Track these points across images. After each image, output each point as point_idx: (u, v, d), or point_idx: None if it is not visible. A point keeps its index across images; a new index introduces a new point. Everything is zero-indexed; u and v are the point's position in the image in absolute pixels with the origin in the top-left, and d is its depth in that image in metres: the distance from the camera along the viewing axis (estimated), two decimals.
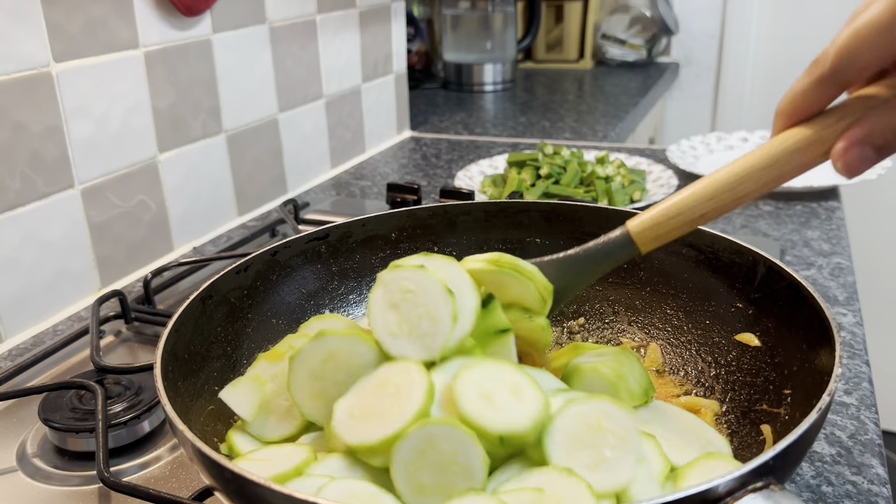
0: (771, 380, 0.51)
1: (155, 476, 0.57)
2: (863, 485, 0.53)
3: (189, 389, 0.50)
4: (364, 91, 1.36)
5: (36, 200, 0.77)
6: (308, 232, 0.65)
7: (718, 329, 0.58)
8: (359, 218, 0.67)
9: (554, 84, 2.06)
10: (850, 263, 0.87)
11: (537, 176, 1.11)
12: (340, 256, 0.67)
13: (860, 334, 0.72)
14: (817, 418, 0.38)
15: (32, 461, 0.59)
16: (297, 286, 0.65)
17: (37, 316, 0.79)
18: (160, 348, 0.48)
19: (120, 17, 0.84)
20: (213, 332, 0.56)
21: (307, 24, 1.17)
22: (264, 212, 1.12)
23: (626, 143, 1.64)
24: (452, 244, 0.70)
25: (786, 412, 0.48)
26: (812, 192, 1.10)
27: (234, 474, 0.36)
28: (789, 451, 0.36)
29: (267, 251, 0.62)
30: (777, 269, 0.53)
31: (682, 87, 2.35)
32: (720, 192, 0.47)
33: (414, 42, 2.09)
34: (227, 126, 1.03)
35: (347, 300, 0.67)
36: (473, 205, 0.69)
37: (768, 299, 0.54)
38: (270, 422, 0.50)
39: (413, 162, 1.36)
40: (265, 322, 0.61)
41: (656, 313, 0.63)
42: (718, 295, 0.59)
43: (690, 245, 0.60)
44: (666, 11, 2.20)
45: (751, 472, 0.35)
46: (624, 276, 0.65)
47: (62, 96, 0.78)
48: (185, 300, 0.54)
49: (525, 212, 0.69)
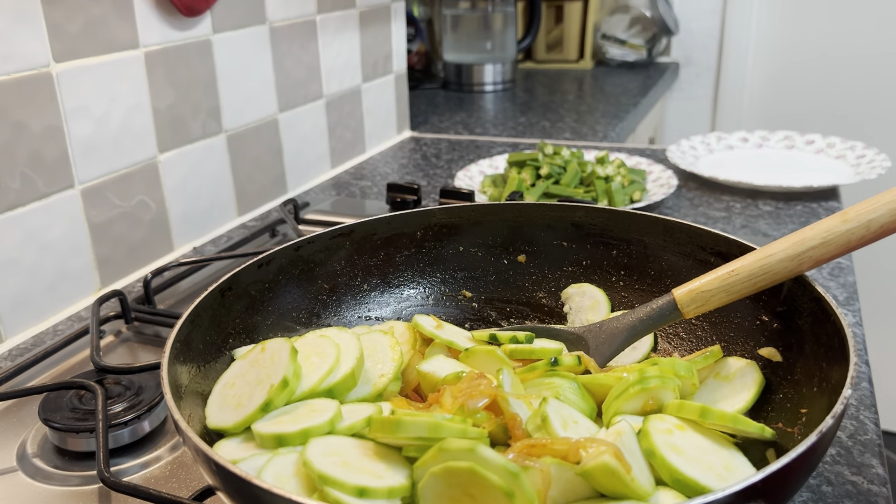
0: (789, 397, 0.50)
1: (155, 476, 0.57)
2: (863, 485, 0.53)
3: (201, 381, 0.51)
4: (364, 91, 1.36)
5: (36, 200, 0.77)
6: (332, 228, 0.65)
7: (742, 342, 0.57)
8: (384, 215, 0.67)
9: (554, 84, 2.06)
10: (850, 263, 0.87)
11: (537, 176, 1.11)
12: (364, 253, 0.67)
13: (860, 334, 0.72)
14: (815, 441, 0.37)
15: (32, 461, 0.59)
16: (319, 281, 0.65)
17: (37, 316, 0.79)
18: (171, 338, 0.48)
19: (120, 17, 0.84)
20: (231, 324, 0.56)
21: (307, 24, 1.17)
22: (264, 212, 1.12)
23: (626, 143, 1.64)
24: (478, 244, 0.70)
25: (799, 433, 0.46)
26: (812, 191, 1.10)
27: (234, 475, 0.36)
28: (780, 474, 0.35)
29: (290, 246, 0.62)
30: (803, 282, 0.52)
31: (682, 87, 2.35)
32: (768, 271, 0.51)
33: (414, 42, 2.09)
34: (227, 126, 1.03)
35: (369, 297, 0.67)
36: (501, 205, 0.69)
37: (793, 313, 0.53)
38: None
39: (413, 162, 1.36)
40: (285, 315, 0.62)
41: (681, 323, 0.62)
42: (744, 306, 0.57)
43: (719, 254, 0.59)
44: (666, 11, 2.20)
45: (736, 493, 0.34)
46: (651, 284, 0.64)
47: (62, 96, 0.78)
48: (203, 292, 0.54)
49: (554, 212, 0.68)
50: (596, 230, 0.67)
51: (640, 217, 0.65)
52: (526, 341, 0.58)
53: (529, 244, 0.69)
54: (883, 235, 0.48)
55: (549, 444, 0.42)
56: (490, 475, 0.37)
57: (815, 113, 2.22)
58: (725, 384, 0.53)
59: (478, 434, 0.42)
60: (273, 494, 0.35)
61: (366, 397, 0.53)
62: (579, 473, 0.40)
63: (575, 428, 0.45)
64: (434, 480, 0.39)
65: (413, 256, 0.69)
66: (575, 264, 0.68)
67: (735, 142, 1.32)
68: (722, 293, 0.52)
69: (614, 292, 0.66)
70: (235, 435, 0.47)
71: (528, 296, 0.69)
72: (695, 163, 1.23)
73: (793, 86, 2.23)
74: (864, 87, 2.14)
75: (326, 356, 0.52)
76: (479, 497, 0.37)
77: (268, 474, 0.42)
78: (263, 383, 0.48)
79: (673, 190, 1.07)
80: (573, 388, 0.51)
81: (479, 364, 0.55)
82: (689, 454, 0.43)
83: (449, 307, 0.69)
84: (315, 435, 0.45)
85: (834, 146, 1.26)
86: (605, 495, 0.41)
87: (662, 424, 0.45)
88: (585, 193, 1.05)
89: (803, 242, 0.49)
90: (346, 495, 0.39)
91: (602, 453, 0.39)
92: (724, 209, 1.06)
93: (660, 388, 0.48)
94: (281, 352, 0.49)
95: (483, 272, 0.70)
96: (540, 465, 0.40)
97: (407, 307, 0.68)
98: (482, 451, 0.38)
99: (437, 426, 0.41)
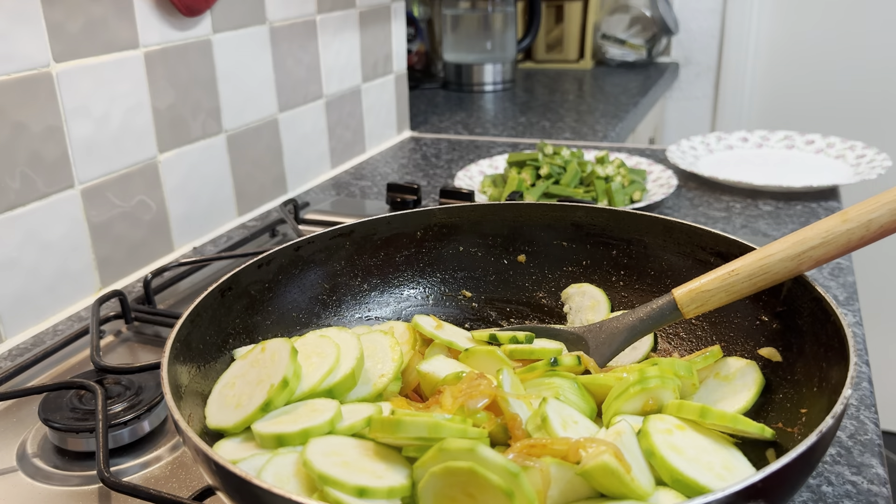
0: (788, 397, 0.50)
1: (155, 476, 0.57)
2: (862, 485, 0.53)
3: (201, 381, 0.51)
4: (364, 91, 1.36)
5: (36, 200, 0.77)
6: (332, 228, 0.65)
7: (742, 342, 0.57)
8: (384, 215, 0.67)
9: (554, 84, 2.06)
10: (849, 263, 0.87)
11: (537, 176, 1.11)
12: (364, 253, 0.67)
13: (860, 334, 0.73)
14: (815, 441, 0.37)
15: (32, 461, 0.59)
16: (319, 281, 0.65)
17: (37, 316, 0.79)
18: (171, 338, 0.48)
19: (120, 17, 0.84)
20: (230, 324, 0.56)
21: (307, 24, 1.17)
22: (264, 212, 1.12)
23: (626, 143, 1.64)
24: (478, 244, 0.70)
25: (799, 432, 0.46)
26: (812, 191, 1.10)
27: (234, 475, 0.36)
28: (780, 474, 0.35)
29: (290, 246, 0.62)
30: (803, 282, 0.52)
31: (682, 87, 2.35)
32: (767, 270, 0.51)
33: (414, 42, 2.09)
34: (227, 126, 1.03)
35: (369, 297, 0.67)
36: (501, 205, 0.69)
37: (793, 313, 0.53)
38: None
39: (413, 162, 1.36)
40: (285, 315, 0.62)
41: (681, 323, 0.62)
42: (744, 306, 0.57)
43: (719, 254, 0.59)
44: (666, 11, 2.20)
45: (736, 493, 0.34)
46: (651, 284, 0.64)
47: (62, 96, 0.78)
48: (203, 292, 0.54)
49: (554, 212, 0.68)
50: (596, 230, 0.67)
51: (640, 217, 0.65)
52: (526, 341, 0.58)
53: (529, 244, 0.69)
54: (883, 235, 0.48)
55: (549, 444, 0.42)
56: (490, 475, 0.37)
57: (815, 113, 2.22)
58: (725, 384, 0.53)
59: (478, 434, 0.42)
60: (273, 494, 0.35)
61: (366, 397, 0.53)
62: (579, 473, 0.40)
63: (575, 428, 0.45)
64: (434, 480, 0.39)
65: (413, 256, 0.69)
66: (575, 264, 0.68)
67: (735, 142, 1.32)
68: (722, 293, 0.52)
69: (614, 292, 0.66)
70: (235, 435, 0.47)
71: (528, 296, 0.69)
72: (695, 163, 1.23)
73: (793, 86, 2.23)
74: (863, 87, 2.14)
75: (326, 356, 0.52)
76: (479, 497, 0.38)
77: (268, 474, 0.42)
78: (263, 383, 0.48)
79: (673, 190, 1.07)
80: (573, 389, 0.51)
81: (478, 364, 0.55)
82: (689, 454, 0.43)
83: (449, 307, 0.69)
84: (315, 435, 0.45)
85: (834, 146, 1.26)
86: (605, 495, 0.41)
87: (662, 424, 0.45)
88: (585, 193, 1.05)
89: (803, 242, 0.50)
90: (346, 495, 0.39)
91: (602, 453, 0.39)
92: (724, 209, 1.06)
93: (660, 388, 0.48)
94: (281, 352, 0.49)
95: (483, 272, 0.70)
96: (540, 465, 0.40)
97: (407, 307, 0.68)
98: (482, 451, 0.38)
99: (437, 426, 0.41)
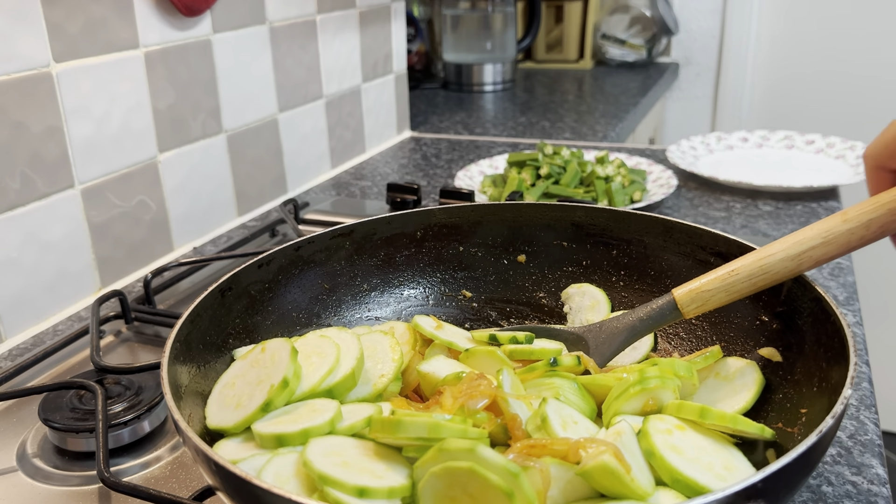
0: (788, 397, 0.50)
1: (155, 476, 0.57)
2: (863, 485, 0.53)
3: (201, 381, 0.51)
4: (364, 91, 1.36)
5: (36, 200, 0.77)
6: (332, 228, 0.65)
7: (742, 342, 0.57)
8: (384, 215, 0.67)
9: (554, 84, 2.06)
10: (849, 263, 0.87)
11: (537, 176, 1.11)
12: (364, 253, 0.67)
13: (860, 334, 0.73)
14: (815, 441, 0.37)
15: (32, 461, 0.59)
16: (319, 281, 0.65)
17: (37, 316, 0.79)
18: (171, 338, 0.48)
19: (120, 17, 0.84)
20: (230, 324, 0.56)
21: (307, 24, 1.17)
22: (264, 212, 1.12)
23: (626, 143, 1.64)
24: (478, 244, 0.70)
25: (798, 433, 0.46)
26: (812, 191, 1.10)
27: (234, 475, 0.36)
28: (780, 474, 0.35)
29: (290, 246, 0.62)
30: (803, 282, 0.52)
31: (682, 87, 2.35)
32: (767, 270, 0.51)
33: (414, 42, 2.09)
34: (227, 126, 1.03)
35: (369, 297, 0.67)
36: (501, 205, 0.69)
37: (793, 313, 0.53)
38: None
39: (413, 162, 1.36)
40: (285, 315, 0.62)
41: (681, 323, 0.61)
42: (744, 306, 0.57)
43: (719, 254, 0.59)
44: (666, 11, 2.20)
45: (736, 493, 0.33)
46: (651, 284, 0.64)
47: (62, 96, 0.78)
48: (203, 292, 0.54)
49: (554, 212, 0.68)
50: (596, 230, 0.67)
51: (640, 217, 0.65)
52: (526, 341, 0.57)
53: (529, 244, 0.69)
54: (883, 235, 0.48)
55: (548, 444, 0.42)
56: (490, 475, 0.37)
57: (815, 113, 2.22)
58: (725, 384, 0.53)
59: (478, 434, 0.42)
60: (273, 494, 0.35)
61: (366, 397, 0.53)
62: (579, 473, 0.40)
63: (575, 428, 0.45)
64: (434, 480, 0.39)
65: (413, 256, 0.69)
66: (575, 264, 0.68)
67: (735, 142, 1.32)
68: (722, 293, 0.52)
69: (614, 292, 0.66)
70: (235, 435, 0.47)
71: (528, 296, 0.69)
72: (695, 163, 1.23)
73: (793, 86, 2.23)
74: (864, 87, 2.14)
75: (326, 356, 0.52)
76: (479, 497, 0.37)
77: (268, 474, 0.42)
78: (263, 383, 0.48)
79: (673, 190, 1.07)
80: (573, 389, 0.51)
81: (478, 364, 0.55)
82: (689, 454, 0.43)
83: (449, 307, 0.69)
84: (315, 435, 0.45)
85: (834, 146, 1.26)
86: (604, 495, 0.41)
87: (662, 425, 0.45)
88: (585, 193, 1.05)
89: (803, 242, 0.50)
90: (346, 495, 0.39)
91: (602, 453, 0.39)
92: (724, 209, 1.06)
93: (660, 389, 0.48)
94: (281, 352, 0.49)
95: (483, 272, 0.70)
96: (540, 466, 0.40)
97: (407, 307, 0.68)
98: (482, 451, 0.38)
99: (437, 426, 0.41)
